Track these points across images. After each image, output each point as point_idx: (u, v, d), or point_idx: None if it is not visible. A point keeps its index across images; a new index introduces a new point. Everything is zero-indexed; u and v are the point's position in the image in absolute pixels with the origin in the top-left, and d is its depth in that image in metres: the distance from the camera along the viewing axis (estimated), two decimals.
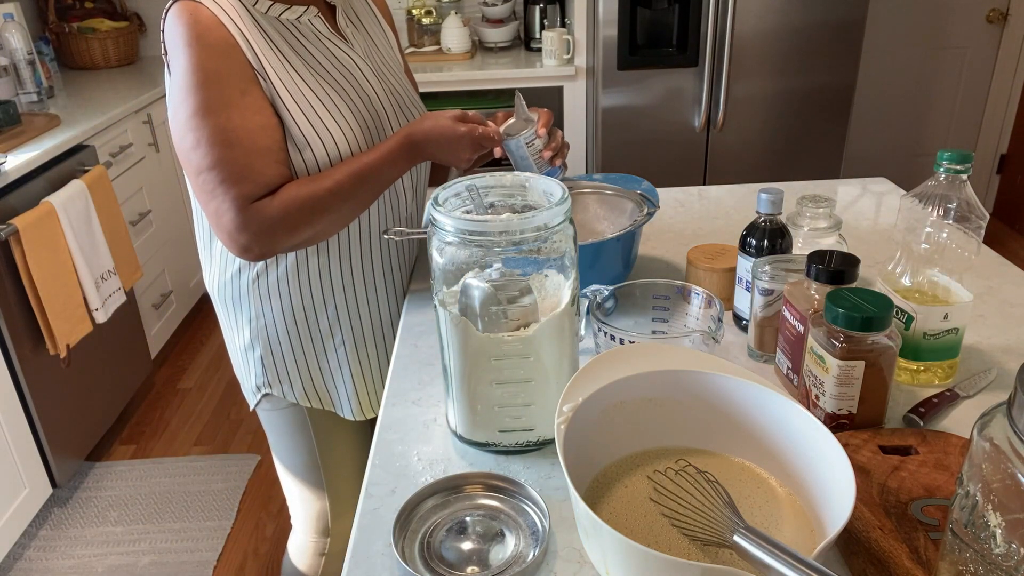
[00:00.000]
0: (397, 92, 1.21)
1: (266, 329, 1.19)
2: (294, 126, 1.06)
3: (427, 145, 1.10)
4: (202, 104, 1.00)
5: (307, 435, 1.27)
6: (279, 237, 1.05)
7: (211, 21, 1.01)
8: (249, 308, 1.18)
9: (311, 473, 1.31)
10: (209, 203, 1.04)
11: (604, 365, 0.79)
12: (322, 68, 1.10)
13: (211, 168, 1.01)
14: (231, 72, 1.02)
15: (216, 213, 1.04)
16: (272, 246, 1.06)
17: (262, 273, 1.15)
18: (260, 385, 1.23)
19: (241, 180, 1.02)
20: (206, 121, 1.00)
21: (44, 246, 2.06)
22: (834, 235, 1.09)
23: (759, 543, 0.62)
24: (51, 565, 2.07)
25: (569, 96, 2.94)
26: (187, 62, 1.00)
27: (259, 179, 1.03)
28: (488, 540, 0.78)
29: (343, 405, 1.25)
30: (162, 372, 2.93)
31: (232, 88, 1.02)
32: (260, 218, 1.03)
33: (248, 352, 1.22)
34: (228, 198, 1.02)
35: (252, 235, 1.03)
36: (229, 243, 1.05)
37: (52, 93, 2.79)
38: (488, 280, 0.82)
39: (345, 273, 1.18)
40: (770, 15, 2.68)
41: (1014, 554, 0.52)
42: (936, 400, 0.93)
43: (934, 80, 3.49)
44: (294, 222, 1.04)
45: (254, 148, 1.03)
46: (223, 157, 1.01)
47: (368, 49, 1.20)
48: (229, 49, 1.02)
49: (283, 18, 1.09)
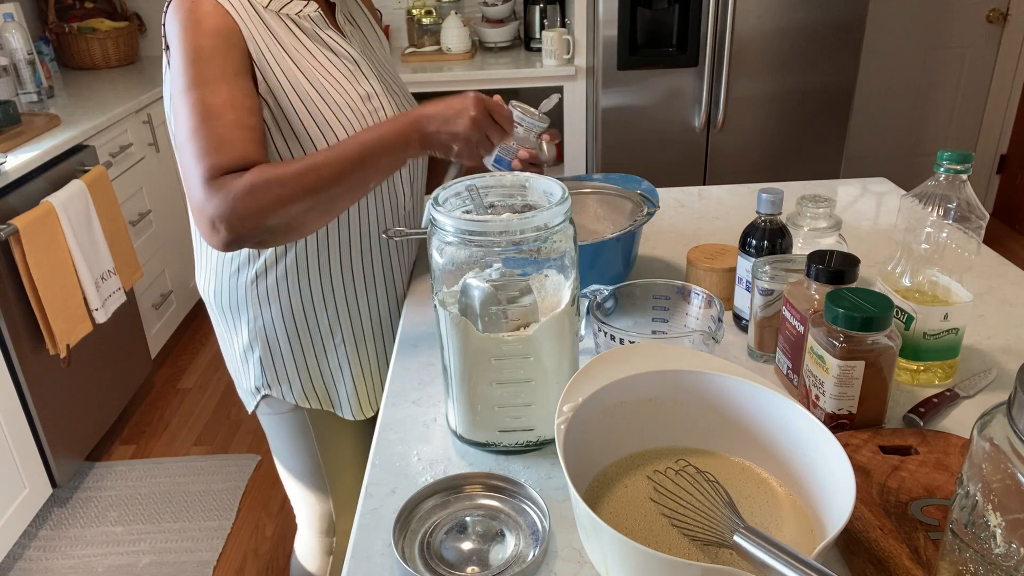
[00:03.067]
0: (394, 91, 1.20)
1: (264, 330, 1.18)
2: (295, 118, 1.05)
3: (431, 120, 1.02)
4: (192, 79, 0.97)
5: (308, 438, 1.26)
6: (245, 215, 0.95)
7: (214, 9, 1.01)
8: (247, 310, 1.17)
9: (314, 475, 1.30)
10: (185, 181, 0.98)
11: (604, 365, 0.79)
12: (323, 61, 1.10)
13: (188, 140, 0.97)
14: (227, 54, 1.00)
15: (189, 189, 0.97)
16: (238, 226, 0.95)
17: (261, 274, 1.14)
18: (259, 387, 1.22)
19: (214, 151, 0.96)
20: (193, 95, 0.97)
21: (44, 246, 2.06)
22: (834, 235, 1.09)
23: (759, 543, 0.62)
24: (51, 565, 2.07)
25: (569, 96, 2.94)
26: (183, 42, 0.99)
27: (232, 152, 0.96)
28: (488, 540, 0.78)
29: (342, 405, 1.25)
30: (162, 372, 2.93)
31: (225, 68, 0.99)
32: (225, 191, 0.94)
33: (247, 354, 1.21)
34: (200, 169, 0.95)
35: (216, 210, 0.94)
36: (199, 222, 0.97)
37: (52, 93, 2.79)
38: (488, 280, 0.82)
39: (345, 273, 1.17)
40: (770, 15, 2.68)
41: (1014, 554, 0.52)
42: (936, 400, 0.93)
43: (934, 80, 3.49)
44: (261, 199, 0.95)
45: (236, 123, 0.97)
46: (199, 128, 0.96)
47: (364, 47, 1.19)
48: (229, 34, 1.00)
49: (283, 13, 1.08)
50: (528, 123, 1.12)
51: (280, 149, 1.07)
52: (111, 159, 2.52)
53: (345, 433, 1.29)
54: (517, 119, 1.11)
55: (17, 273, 2.01)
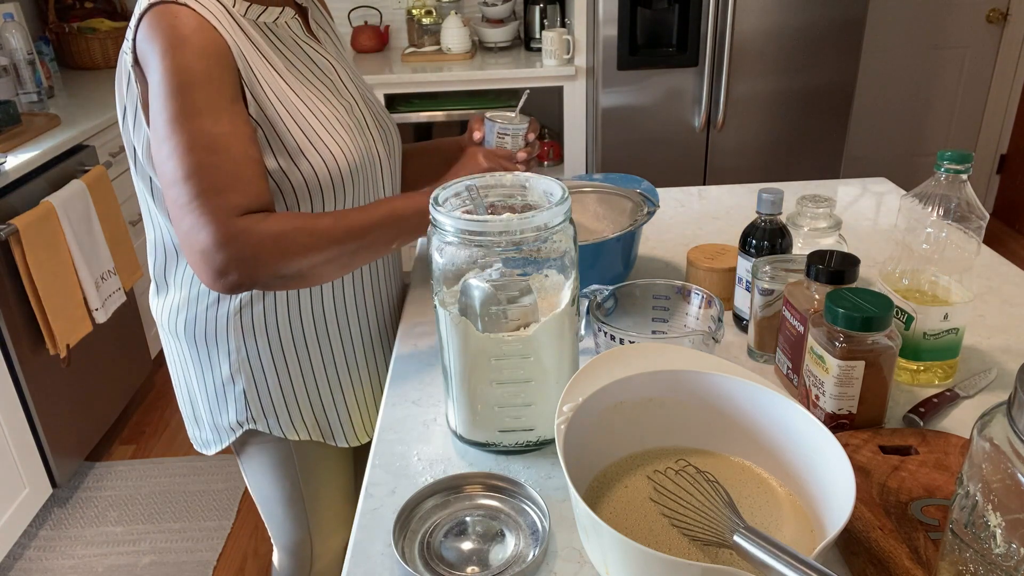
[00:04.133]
0: (369, 98, 1.16)
1: (249, 361, 1.09)
2: (288, 135, 0.98)
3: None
4: (185, 107, 0.88)
5: (291, 467, 1.20)
6: (266, 262, 0.89)
7: (198, 24, 0.91)
8: (228, 341, 1.08)
9: (294, 503, 1.23)
10: (183, 219, 0.88)
11: (604, 365, 0.79)
12: (305, 73, 1.04)
13: (188, 177, 0.87)
14: (221, 76, 0.91)
15: (191, 229, 0.87)
16: (255, 272, 0.89)
17: (246, 304, 1.06)
18: (242, 421, 1.13)
19: (226, 189, 0.88)
20: (189, 125, 0.88)
21: (44, 246, 2.06)
22: (834, 235, 1.09)
23: (759, 543, 0.62)
24: (51, 565, 2.07)
25: (569, 96, 2.94)
26: (169, 64, 0.88)
27: (248, 189, 0.89)
28: (488, 540, 0.78)
29: (335, 433, 1.19)
30: (162, 372, 2.93)
31: (222, 93, 0.91)
32: (246, 236, 0.87)
33: (226, 388, 1.11)
34: (207, 210, 0.86)
35: (234, 255, 0.87)
36: (202, 265, 0.88)
37: (52, 93, 2.79)
38: (488, 280, 0.82)
39: (337, 298, 1.12)
40: (770, 15, 2.68)
41: (1014, 554, 0.52)
42: (936, 400, 0.93)
43: (934, 80, 3.49)
44: (288, 247, 0.90)
45: (245, 157, 0.90)
46: (204, 163, 0.87)
47: (337, 54, 1.15)
48: (218, 52, 0.92)
49: (260, 21, 1.01)
50: (513, 129, 1.14)
51: (272, 168, 0.98)
52: (111, 159, 2.52)
53: (328, 460, 1.22)
54: (501, 131, 1.13)
55: (17, 273, 2.01)
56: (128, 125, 1.00)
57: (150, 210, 1.06)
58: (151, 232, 1.09)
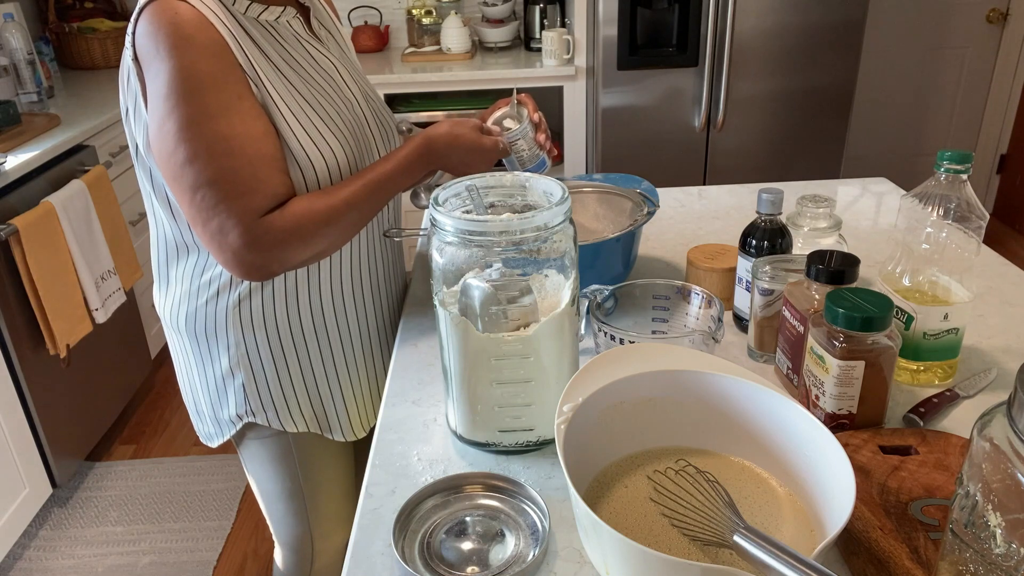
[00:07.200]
0: (371, 97, 1.17)
1: (248, 355, 1.10)
2: (290, 133, 0.99)
3: (449, 153, 1.07)
4: (196, 112, 0.91)
5: (290, 461, 1.20)
6: (292, 253, 0.97)
7: (199, 21, 0.92)
8: (228, 335, 1.09)
9: (293, 497, 1.24)
10: (209, 221, 0.94)
11: (604, 365, 0.79)
12: (307, 73, 1.05)
13: (212, 183, 0.92)
14: (227, 75, 0.93)
15: (219, 231, 0.94)
16: (283, 263, 0.98)
17: (244, 298, 1.07)
18: (241, 414, 1.14)
19: (247, 192, 0.93)
20: (202, 130, 0.91)
21: (44, 246, 2.06)
22: (834, 235, 1.09)
23: (759, 543, 0.62)
24: (51, 565, 2.07)
25: (569, 96, 2.94)
26: (175, 65, 0.90)
27: (266, 190, 0.95)
28: (488, 540, 0.78)
29: (332, 427, 1.19)
30: (162, 372, 2.93)
31: (229, 92, 0.93)
32: (272, 233, 0.95)
33: (226, 381, 1.13)
34: (233, 213, 0.93)
35: (263, 252, 0.95)
36: (234, 263, 0.96)
37: (52, 93, 2.79)
38: (488, 280, 0.82)
39: (335, 291, 1.12)
40: (770, 15, 2.68)
41: (1014, 554, 0.52)
42: (936, 400, 0.93)
43: (934, 80, 3.49)
44: (308, 235, 0.97)
45: (258, 156, 0.94)
46: (225, 168, 0.92)
47: (340, 53, 1.16)
48: (221, 51, 0.93)
49: (262, 19, 1.02)
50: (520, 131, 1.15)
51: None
52: (111, 159, 2.52)
53: (328, 454, 1.23)
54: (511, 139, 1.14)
55: (17, 273, 2.01)
56: (130, 119, 1.01)
57: (152, 204, 1.07)
58: (153, 226, 1.10)
